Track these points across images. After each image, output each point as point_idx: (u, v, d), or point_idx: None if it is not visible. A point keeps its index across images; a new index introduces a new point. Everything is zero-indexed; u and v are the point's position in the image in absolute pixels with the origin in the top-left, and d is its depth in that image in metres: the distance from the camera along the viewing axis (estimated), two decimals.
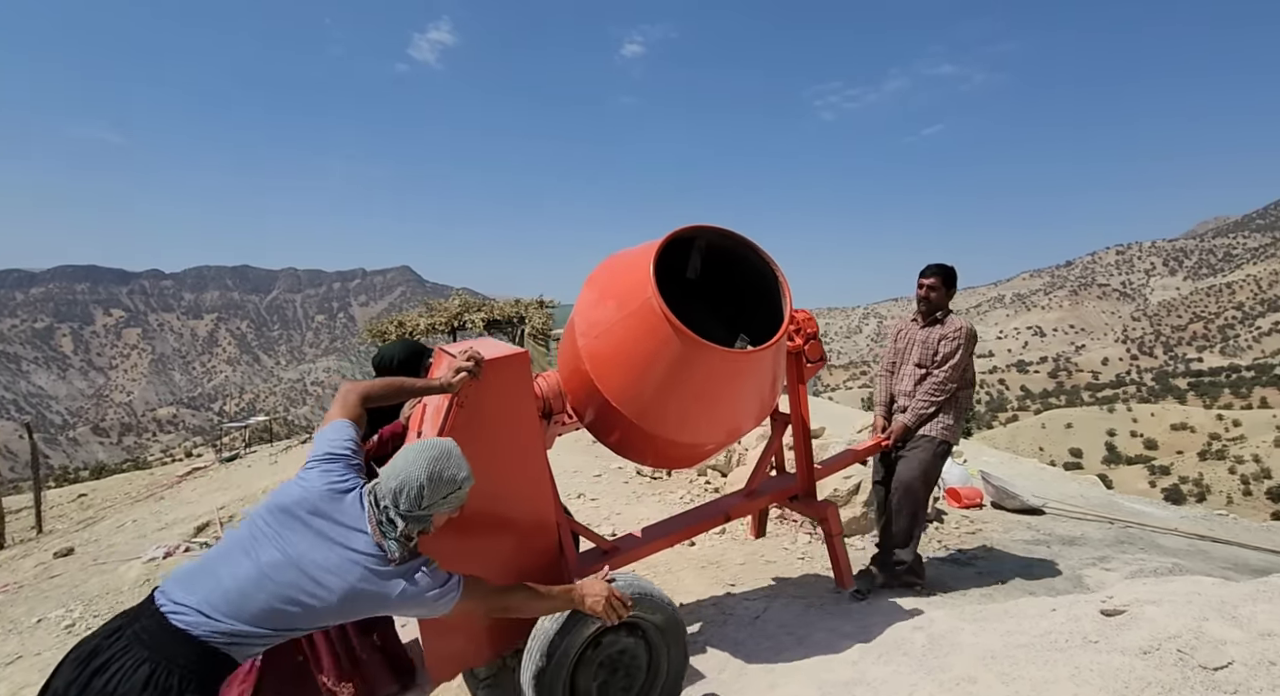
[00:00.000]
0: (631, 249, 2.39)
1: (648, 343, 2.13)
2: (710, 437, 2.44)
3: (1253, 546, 4.53)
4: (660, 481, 5.92)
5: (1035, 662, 1.79)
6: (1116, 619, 1.83)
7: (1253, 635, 1.55)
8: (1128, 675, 1.56)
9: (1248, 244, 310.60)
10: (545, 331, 16.65)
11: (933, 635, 2.32)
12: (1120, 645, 1.70)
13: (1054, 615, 2.04)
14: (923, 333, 3.42)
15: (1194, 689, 1.45)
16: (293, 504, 1.49)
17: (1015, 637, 1.99)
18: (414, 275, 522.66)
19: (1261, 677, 1.41)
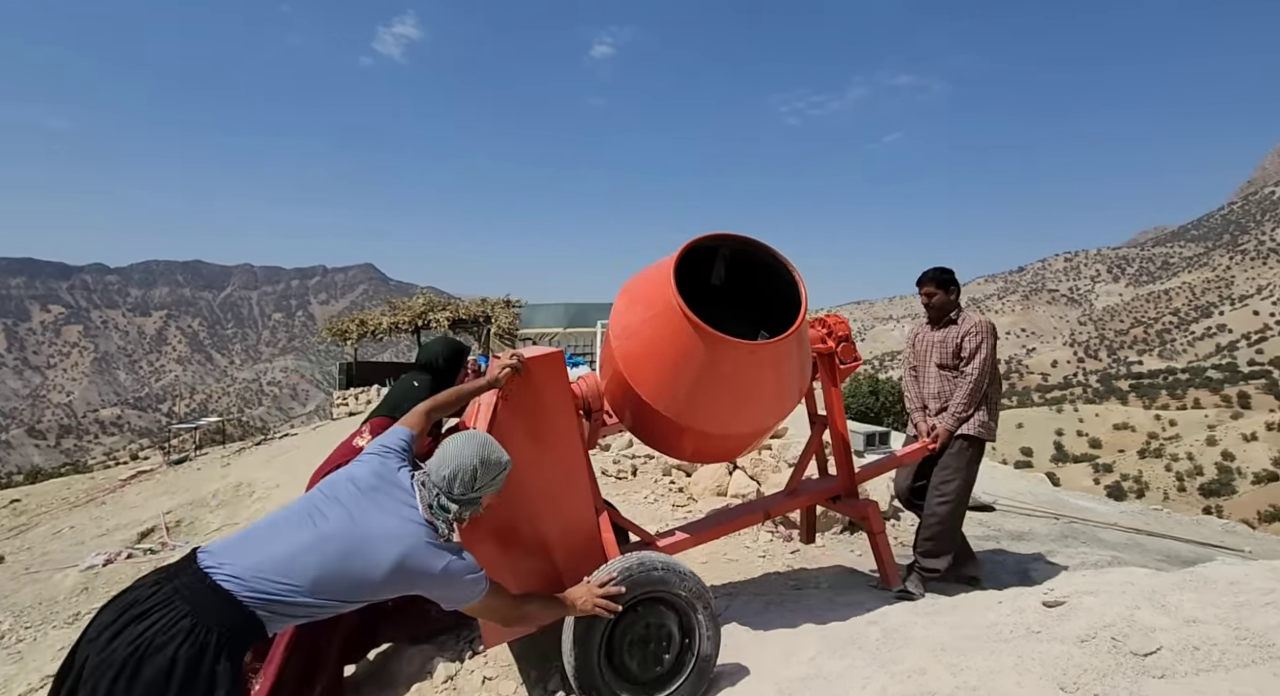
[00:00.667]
0: (660, 260, 2.55)
1: (672, 340, 2.30)
2: (738, 429, 2.57)
3: (1183, 539, 4.78)
4: (625, 481, 5.93)
5: (981, 653, 1.86)
6: (1057, 610, 1.91)
7: (1179, 622, 1.64)
8: (1066, 662, 1.63)
9: (1183, 253, 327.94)
10: (512, 331, 16.49)
11: (886, 629, 2.38)
12: (1060, 634, 1.77)
13: (1000, 607, 2.12)
14: (937, 334, 3.45)
15: (1125, 674, 1.53)
16: (353, 480, 1.62)
17: (963, 629, 2.05)
18: (377, 273, 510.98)
19: (1186, 662, 1.50)
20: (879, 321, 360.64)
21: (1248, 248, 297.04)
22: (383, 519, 1.56)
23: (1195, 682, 1.43)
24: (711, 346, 2.25)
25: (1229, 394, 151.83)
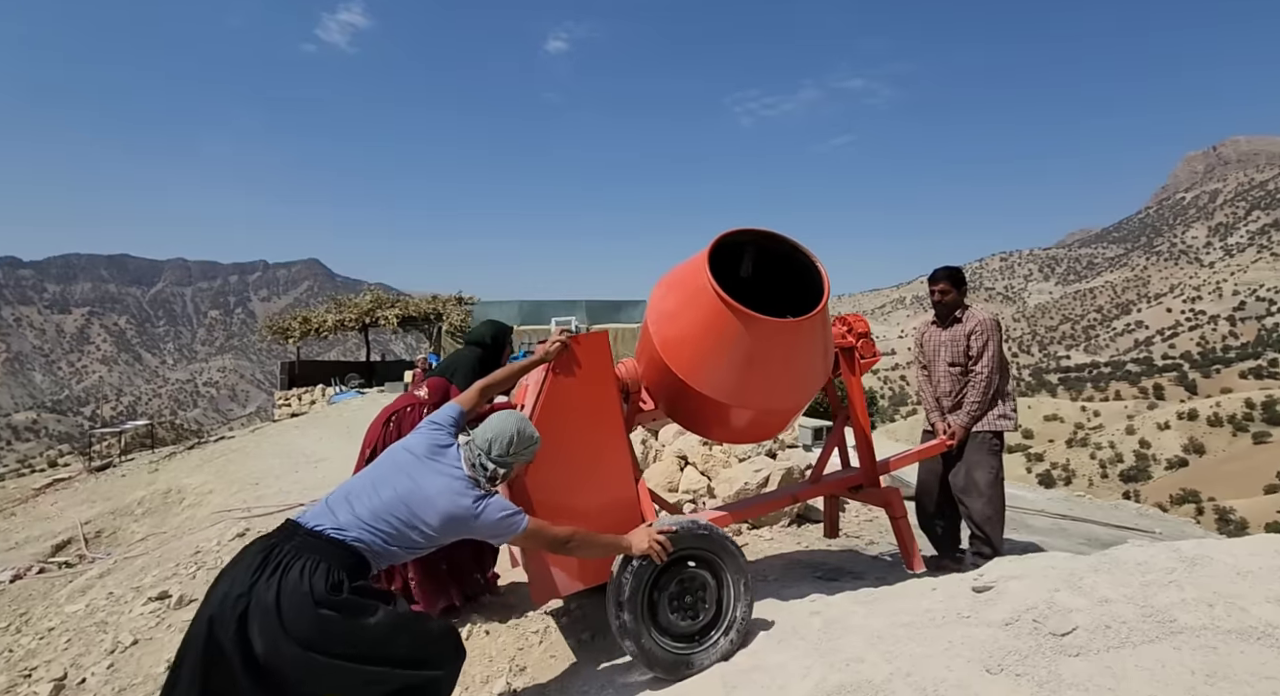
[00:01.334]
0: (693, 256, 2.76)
1: (707, 321, 2.51)
2: (767, 405, 2.75)
3: (1102, 523, 5.09)
4: None
5: (915, 639, 1.92)
6: (985, 595, 2.00)
7: (1094, 602, 1.73)
8: (992, 645, 1.71)
9: (1106, 254, 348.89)
10: (464, 328, 16.16)
11: (828, 619, 2.44)
12: (987, 618, 1.85)
13: (934, 594, 2.20)
14: (946, 333, 3.53)
15: (1045, 654, 1.61)
16: (409, 449, 2.03)
17: (900, 617, 2.12)
18: (323, 269, 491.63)
19: (1099, 639, 1.59)
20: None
21: (1162, 249, 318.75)
22: (435, 479, 1.95)
23: (1106, 659, 1.52)
24: (747, 325, 2.44)
25: (1145, 386, 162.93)
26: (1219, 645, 1.42)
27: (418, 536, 1.91)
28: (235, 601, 1.67)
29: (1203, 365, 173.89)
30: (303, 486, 6.21)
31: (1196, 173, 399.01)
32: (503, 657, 3.07)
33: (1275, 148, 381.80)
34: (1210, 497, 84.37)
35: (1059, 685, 1.49)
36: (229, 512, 5.54)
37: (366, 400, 13.07)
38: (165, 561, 4.56)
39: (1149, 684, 1.39)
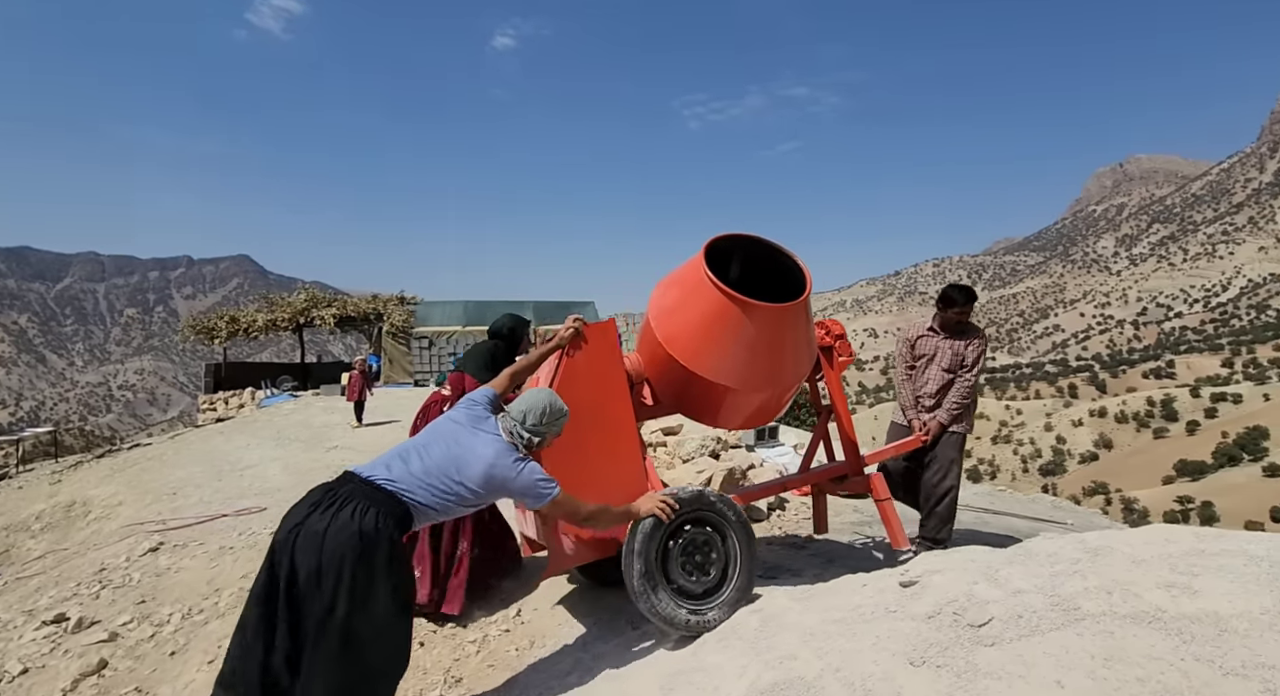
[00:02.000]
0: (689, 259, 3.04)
1: (709, 312, 2.77)
2: (767, 387, 2.99)
3: (1021, 516, 5.41)
4: None
5: (845, 635, 1.98)
6: (911, 589, 2.08)
7: (1008, 593, 1.83)
8: (916, 638, 1.78)
9: (1028, 261, 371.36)
10: (407, 329, 15.62)
11: (765, 617, 2.48)
12: (913, 612, 1.92)
13: (864, 590, 2.27)
14: (950, 343, 3.79)
15: (963, 645, 1.68)
16: (453, 420, 2.27)
17: (832, 613, 2.18)
18: (254, 266, 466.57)
19: (1012, 629, 1.67)
20: None
21: (1076, 258, 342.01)
22: (480, 442, 2.18)
23: (1018, 647, 1.60)
24: (746, 311, 2.72)
25: (1062, 385, 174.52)
26: (1116, 630, 1.53)
27: (463, 493, 2.14)
28: (291, 529, 1.93)
29: (1111, 366, 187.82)
30: (225, 495, 5.86)
31: (1105, 187, 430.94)
32: (437, 670, 2.98)
33: (1172, 166, 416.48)
34: (1117, 489, 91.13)
35: (975, 674, 1.56)
36: (141, 526, 5.16)
37: (300, 403, 12.47)
38: (65, 581, 4.21)
39: (1055, 669, 1.47)
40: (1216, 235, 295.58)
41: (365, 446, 7.73)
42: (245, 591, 3.54)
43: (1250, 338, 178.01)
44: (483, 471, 2.13)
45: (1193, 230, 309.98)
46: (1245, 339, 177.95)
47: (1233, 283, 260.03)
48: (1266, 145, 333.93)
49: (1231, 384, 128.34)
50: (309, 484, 2.19)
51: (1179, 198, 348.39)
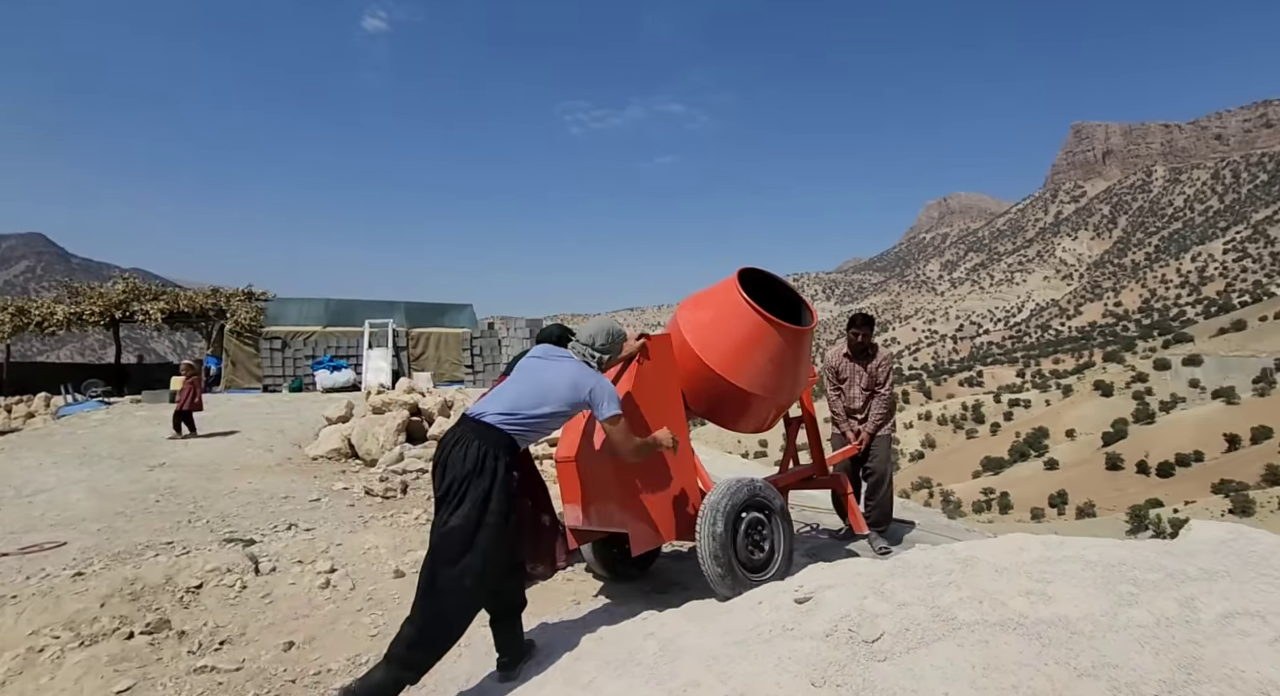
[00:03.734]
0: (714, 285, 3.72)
1: (744, 329, 3.36)
2: (787, 398, 3.66)
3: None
4: (393, 501, 5.36)
5: (747, 657, 2.01)
6: (805, 605, 2.16)
7: (894, 606, 1.96)
8: (815, 658, 1.84)
9: (872, 280, 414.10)
10: (254, 328, 13.84)
11: (662, 641, 2.46)
12: (810, 630, 1.99)
13: (761, 608, 2.33)
14: (863, 366, 4.56)
15: (859, 661, 1.77)
16: (535, 355, 2.80)
17: (731, 635, 2.21)
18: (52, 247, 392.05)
19: (901, 642, 1.79)
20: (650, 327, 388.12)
21: (910, 279, 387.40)
22: (557, 369, 2.65)
23: (907, 661, 1.71)
24: (779, 332, 3.36)
25: (898, 392, 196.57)
26: (990, 638, 1.69)
27: (548, 410, 2.54)
28: (437, 464, 2.51)
29: (935, 375, 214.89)
30: (6, 528, 4.79)
31: (933, 218, 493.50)
32: None
33: (983, 203, 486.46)
34: (939, 483, 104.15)
35: (872, 691, 1.65)
36: None
37: (114, 412, 10.61)
38: None
39: (941, 681, 1.59)
40: (1014, 265, 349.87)
41: (200, 462, 6.73)
42: (36, 652, 2.90)
43: (1037, 352, 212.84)
44: (568, 383, 2.57)
45: (997, 259, 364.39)
46: (1034, 353, 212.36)
47: (1025, 305, 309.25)
48: (1049, 192, 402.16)
49: (1023, 391, 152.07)
50: (125, 511, 1.84)
51: (988, 231, 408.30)
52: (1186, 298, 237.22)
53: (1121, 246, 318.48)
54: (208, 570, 3.72)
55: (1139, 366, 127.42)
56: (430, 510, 5.17)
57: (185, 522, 4.66)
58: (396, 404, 6.85)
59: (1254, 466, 74.09)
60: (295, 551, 4.10)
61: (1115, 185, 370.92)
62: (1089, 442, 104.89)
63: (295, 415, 10.10)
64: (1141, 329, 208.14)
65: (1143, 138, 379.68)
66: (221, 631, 3.22)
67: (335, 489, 5.60)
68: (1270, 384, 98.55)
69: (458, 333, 15.18)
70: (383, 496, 5.38)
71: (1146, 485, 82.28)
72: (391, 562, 4.04)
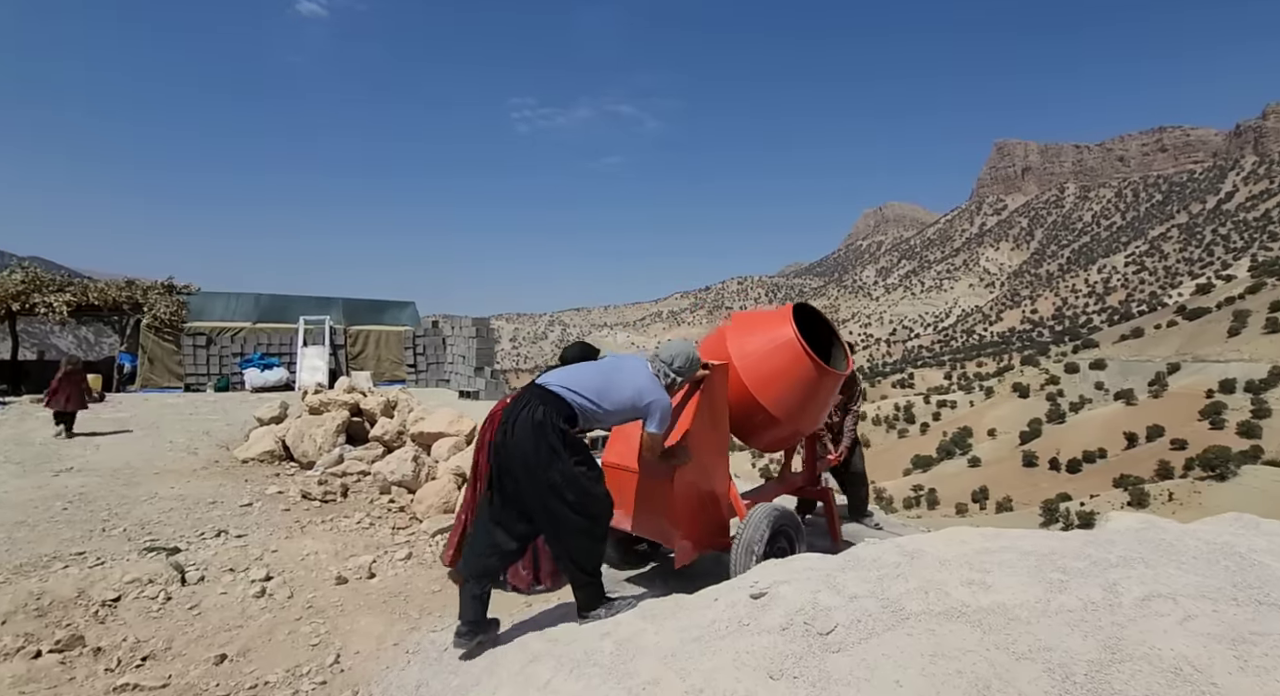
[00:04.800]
0: (765, 310, 4.19)
1: (790, 365, 3.68)
2: (804, 428, 4.04)
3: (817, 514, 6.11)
4: (332, 505, 5.13)
5: (706, 654, 2.04)
6: (761, 600, 2.21)
7: (846, 599, 2.04)
8: (773, 651, 1.89)
9: (812, 284, 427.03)
10: (176, 323, 12.90)
11: (619, 640, 2.47)
12: (766, 625, 2.04)
13: (717, 604, 2.36)
14: None
15: (815, 653, 1.83)
16: (611, 356, 3.24)
17: (689, 632, 2.23)
18: None
19: (854, 633, 1.86)
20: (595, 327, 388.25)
21: (848, 284, 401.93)
22: (635, 367, 3.00)
23: (860, 651, 1.79)
24: (820, 372, 3.71)
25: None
26: (936, 627, 1.78)
27: (607, 405, 2.84)
28: (500, 426, 2.80)
29: (871, 377, 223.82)
30: None
31: (870, 225, 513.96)
32: None
33: (915, 214, 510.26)
34: (873, 480, 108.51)
35: (828, 682, 1.71)
36: None
37: (11, 414, 9.70)
38: None
39: (894, 669, 1.67)
40: (943, 272, 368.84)
41: (115, 465, 6.24)
42: None
43: (963, 356, 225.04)
44: (634, 387, 2.87)
45: (927, 267, 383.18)
46: (960, 356, 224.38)
47: (952, 311, 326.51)
48: (975, 204, 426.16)
49: (950, 392, 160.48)
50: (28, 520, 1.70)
51: (919, 240, 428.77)
52: (1093, 306, 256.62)
53: (1038, 257, 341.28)
54: (126, 581, 3.47)
55: (1052, 369, 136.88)
56: (373, 514, 5.00)
57: (99, 531, 4.31)
58: (335, 404, 6.57)
59: (1149, 462, 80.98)
60: (226, 559, 3.87)
61: (1033, 200, 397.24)
62: (1008, 441, 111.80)
63: (222, 415, 9.52)
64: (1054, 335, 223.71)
65: (1057, 157, 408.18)
66: (143, 646, 3.00)
67: (269, 493, 5.31)
68: (1163, 386, 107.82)
69: (399, 331, 14.68)
70: (321, 500, 5.16)
71: (1057, 480, 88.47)
72: (333, 569, 3.88)
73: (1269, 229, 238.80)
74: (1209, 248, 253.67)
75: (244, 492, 5.30)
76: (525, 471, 2.69)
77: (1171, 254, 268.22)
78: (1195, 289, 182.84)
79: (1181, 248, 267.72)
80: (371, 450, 6.04)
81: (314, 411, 6.58)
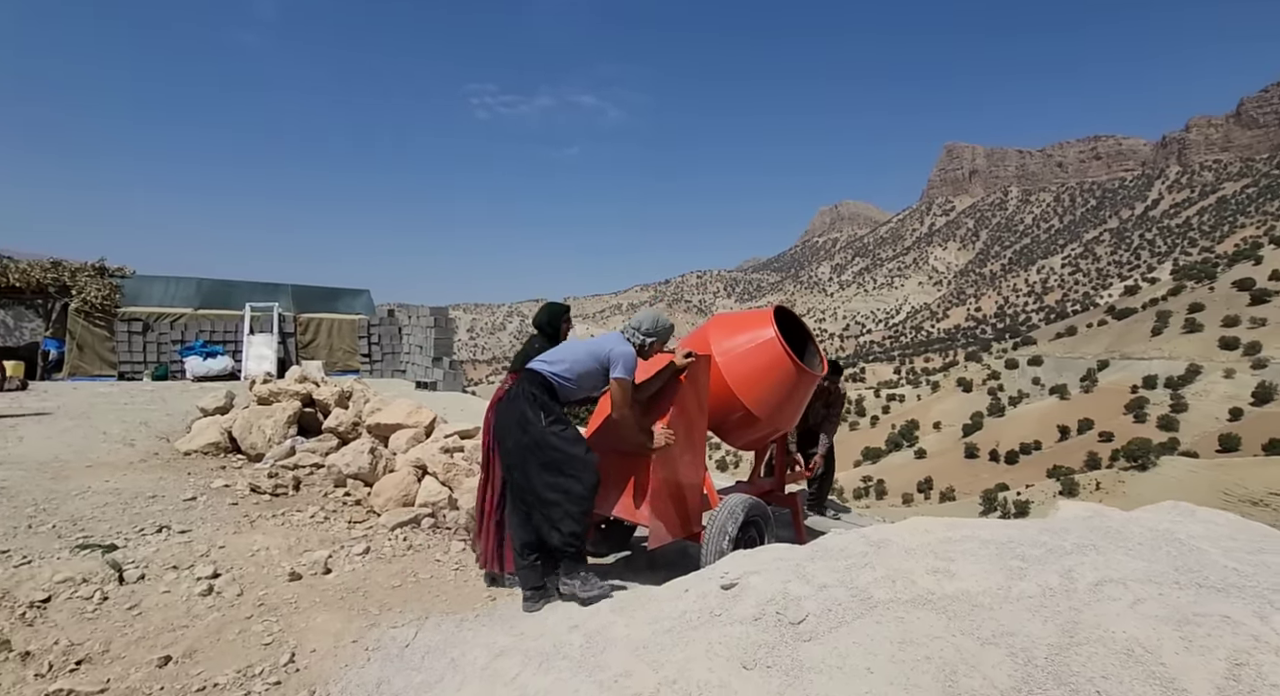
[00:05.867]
0: (746, 312, 4.19)
1: (770, 365, 3.81)
2: (781, 425, 4.15)
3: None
4: (285, 497, 4.93)
5: (678, 645, 2.05)
6: (732, 591, 2.23)
7: (816, 588, 2.07)
8: (745, 642, 1.91)
9: (770, 279, 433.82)
10: (108, 307, 12.09)
11: (588, 633, 2.45)
12: (738, 615, 2.06)
13: (687, 595, 2.38)
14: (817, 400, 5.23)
15: (788, 642, 1.85)
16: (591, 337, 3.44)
17: (660, 623, 2.24)
18: None
19: (825, 622, 1.90)
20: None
21: (804, 279, 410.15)
22: (602, 341, 3.20)
23: (831, 639, 1.82)
24: (799, 374, 3.85)
25: None
26: (904, 615, 1.83)
27: (575, 368, 3.08)
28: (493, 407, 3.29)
29: None
30: None
31: (825, 223, 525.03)
32: None
33: (869, 212, 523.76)
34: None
35: (801, 671, 1.73)
36: None
37: None
38: None
39: (864, 657, 1.70)
40: (894, 270, 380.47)
41: (41, 458, 5.83)
42: None
43: (911, 351, 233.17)
44: (596, 344, 3.14)
45: (879, 265, 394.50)
46: (908, 352, 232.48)
47: (902, 308, 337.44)
48: (925, 205, 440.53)
49: (899, 387, 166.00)
50: None
51: (872, 238, 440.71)
52: (1032, 305, 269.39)
53: (982, 257, 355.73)
54: (57, 581, 3.25)
55: (994, 365, 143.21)
56: (327, 507, 4.83)
57: (24, 528, 4.02)
58: (286, 394, 6.30)
59: (1079, 453, 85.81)
60: (168, 556, 3.67)
61: (979, 202, 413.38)
62: (952, 434, 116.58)
63: (161, 405, 9.01)
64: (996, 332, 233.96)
65: (1001, 161, 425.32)
66: (78, 649, 2.82)
67: (214, 486, 5.06)
68: (1093, 382, 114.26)
69: (353, 319, 14.18)
70: (272, 493, 4.94)
71: (996, 471, 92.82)
72: (285, 564, 3.72)
73: (1189, 235, 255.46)
74: (1136, 252, 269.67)
75: (187, 486, 5.03)
76: (510, 442, 3.01)
77: (1103, 257, 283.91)
78: (1124, 290, 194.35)
79: (1112, 251, 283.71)
80: (325, 442, 5.83)
81: (263, 401, 6.29)
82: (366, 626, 3.17)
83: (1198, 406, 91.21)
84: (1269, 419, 79.18)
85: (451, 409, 9.04)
